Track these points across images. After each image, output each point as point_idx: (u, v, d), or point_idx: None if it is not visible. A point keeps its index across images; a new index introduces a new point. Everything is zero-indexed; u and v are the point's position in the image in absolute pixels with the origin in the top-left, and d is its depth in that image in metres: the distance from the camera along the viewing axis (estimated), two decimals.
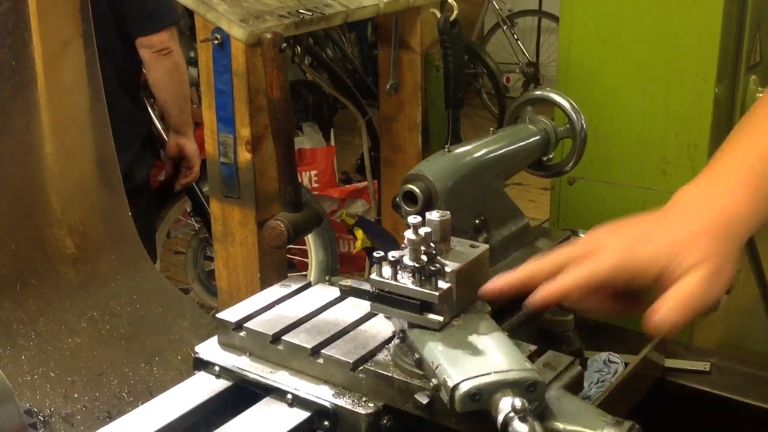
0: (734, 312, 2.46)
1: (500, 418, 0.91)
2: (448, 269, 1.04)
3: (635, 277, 1.03)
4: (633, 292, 1.07)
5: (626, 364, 1.69)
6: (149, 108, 3.40)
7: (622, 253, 1.03)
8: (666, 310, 0.98)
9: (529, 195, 5.30)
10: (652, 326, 0.99)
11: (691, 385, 1.74)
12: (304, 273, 3.78)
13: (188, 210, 3.98)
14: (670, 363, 1.78)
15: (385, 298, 1.06)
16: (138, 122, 3.18)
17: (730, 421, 1.72)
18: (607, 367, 1.65)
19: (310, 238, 3.66)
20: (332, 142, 5.45)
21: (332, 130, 5.62)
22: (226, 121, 1.62)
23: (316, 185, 4.96)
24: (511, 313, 1.36)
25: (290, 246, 3.84)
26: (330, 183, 5.04)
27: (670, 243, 1.02)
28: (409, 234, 1.03)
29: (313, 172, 5.01)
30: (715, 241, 1.01)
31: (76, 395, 1.50)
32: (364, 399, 1.11)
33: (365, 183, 4.16)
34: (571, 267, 1.04)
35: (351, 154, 6.05)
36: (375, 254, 1.05)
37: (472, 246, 1.11)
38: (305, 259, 3.80)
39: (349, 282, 1.15)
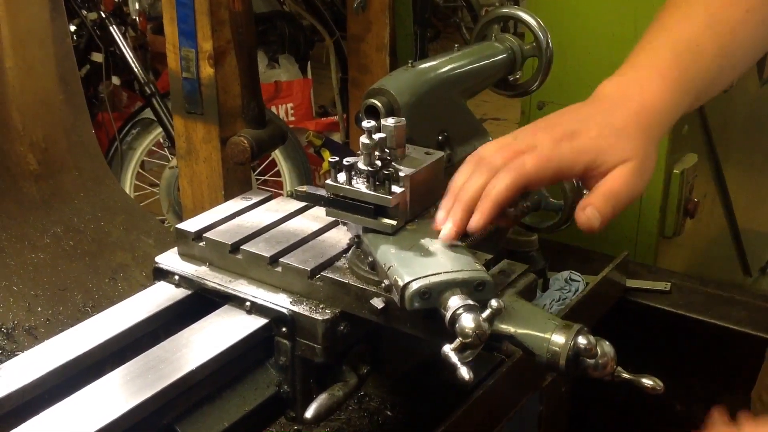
0: (700, 240, 2.49)
1: (448, 315, 0.92)
2: (402, 174, 1.05)
3: (560, 174, 1.05)
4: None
5: (588, 284, 1.71)
6: None
7: (548, 151, 1.03)
8: (595, 204, 1.01)
9: (508, 130, 5.27)
10: (583, 221, 1.02)
11: (651, 304, 1.77)
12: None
13: (161, 141, 3.93)
14: (631, 283, 1.81)
15: (339, 203, 1.07)
16: None
17: (688, 339, 1.76)
18: (569, 285, 1.68)
19: (281, 159, 3.65)
20: (309, 75, 5.39)
21: (309, 63, 5.55)
22: (188, 35, 1.60)
23: (293, 118, 4.91)
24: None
25: (268, 178, 3.77)
26: (306, 116, 4.98)
27: (595, 138, 1.03)
28: (363, 139, 1.03)
29: (290, 105, 4.95)
30: (638, 136, 1.04)
31: (39, 309, 1.51)
32: (321, 306, 1.12)
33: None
34: (500, 174, 1.03)
35: (328, 88, 5.98)
36: (330, 160, 1.05)
37: (427, 153, 1.11)
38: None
39: (305, 188, 1.15)
